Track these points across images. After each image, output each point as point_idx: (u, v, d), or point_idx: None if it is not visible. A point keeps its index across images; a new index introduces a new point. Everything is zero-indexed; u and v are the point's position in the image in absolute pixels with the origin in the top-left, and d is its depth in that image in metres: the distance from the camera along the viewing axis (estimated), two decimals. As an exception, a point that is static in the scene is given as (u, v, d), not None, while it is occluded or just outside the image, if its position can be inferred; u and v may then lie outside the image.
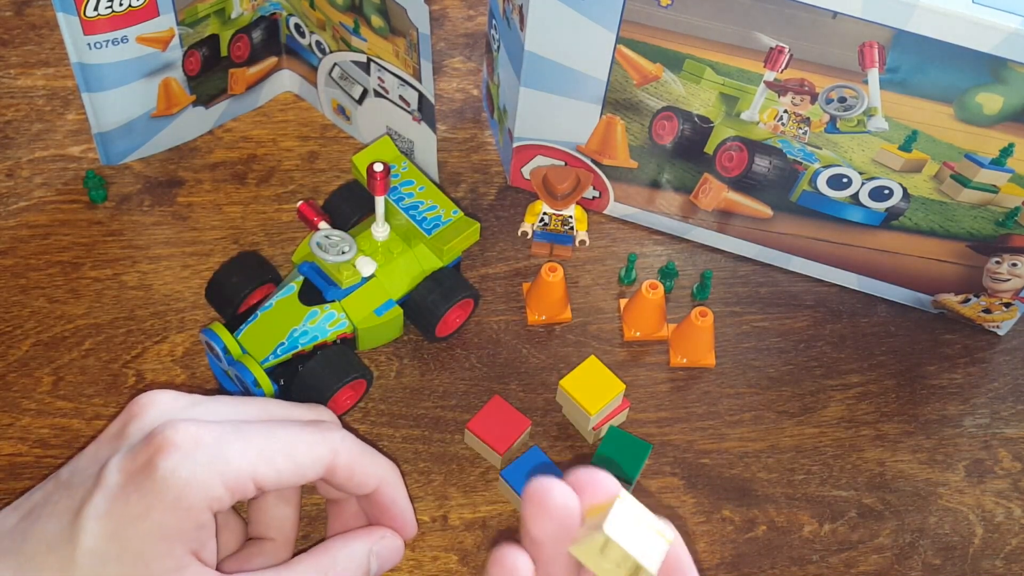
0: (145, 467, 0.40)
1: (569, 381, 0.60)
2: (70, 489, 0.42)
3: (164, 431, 0.41)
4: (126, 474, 0.40)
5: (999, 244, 0.64)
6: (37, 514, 0.41)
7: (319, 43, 0.71)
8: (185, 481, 0.40)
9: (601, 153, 0.69)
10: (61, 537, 0.40)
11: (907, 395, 0.66)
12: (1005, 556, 0.60)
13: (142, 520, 0.40)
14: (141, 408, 0.43)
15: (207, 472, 0.40)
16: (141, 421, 0.43)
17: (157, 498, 0.40)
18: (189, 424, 0.41)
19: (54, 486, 0.43)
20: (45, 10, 0.80)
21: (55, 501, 0.41)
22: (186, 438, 0.41)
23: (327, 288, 0.62)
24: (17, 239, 0.68)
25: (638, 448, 0.60)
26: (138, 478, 0.40)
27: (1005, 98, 0.56)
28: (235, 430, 0.42)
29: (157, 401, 0.43)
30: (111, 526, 0.40)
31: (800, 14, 0.56)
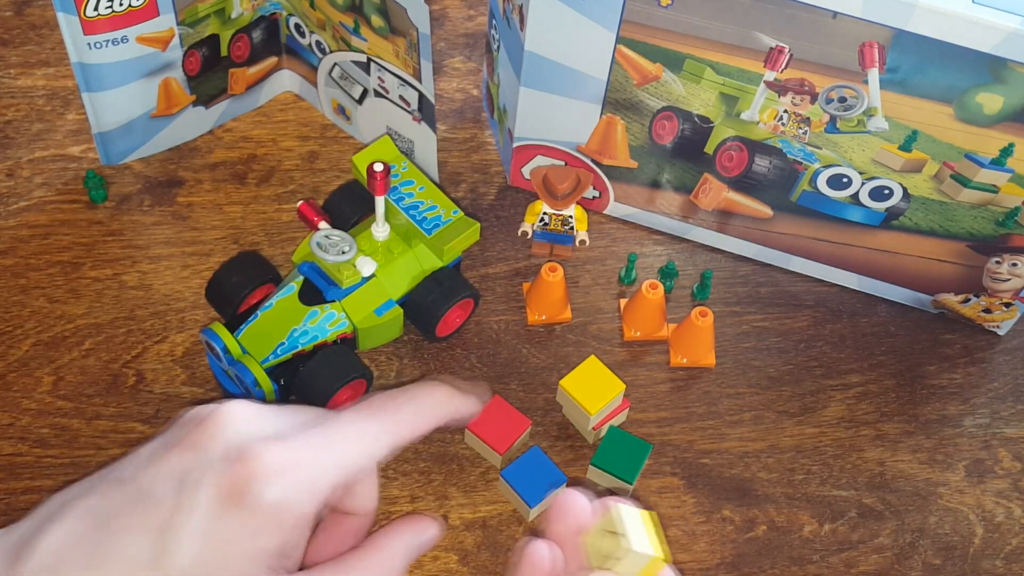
0: (238, 490, 0.40)
1: (569, 381, 0.60)
2: (150, 502, 0.41)
3: (253, 455, 0.41)
4: (218, 495, 0.40)
5: (999, 244, 0.64)
6: (114, 527, 0.41)
7: (319, 43, 0.71)
8: (279, 505, 0.41)
9: (601, 153, 0.69)
10: (149, 556, 0.40)
11: (907, 395, 0.66)
12: (1005, 556, 0.60)
13: (236, 542, 0.40)
14: (220, 421, 0.43)
15: (299, 494, 0.41)
16: (223, 437, 0.42)
17: (252, 521, 0.40)
18: (273, 447, 0.42)
19: (125, 497, 0.42)
20: (45, 10, 0.80)
21: (135, 514, 0.41)
22: (277, 461, 0.41)
23: (327, 288, 0.62)
24: (17, 239, 0.68)
25: (638, 448, 0.60)
26: (231, 501, 0.40)
27: (1005, 98, 0.56)
28: (316, 443, 0.43)
29: (235, 415, 0.43)
30: (205, 547, 0.40)
31: (800, 14, 0.56)
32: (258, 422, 0.43)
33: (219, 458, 0.42)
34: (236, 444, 0.42)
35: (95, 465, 0.59)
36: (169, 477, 0.42)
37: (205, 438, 0.42)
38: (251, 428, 0.43)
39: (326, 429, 0.44)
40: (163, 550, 0.40)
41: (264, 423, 0.44)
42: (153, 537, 0.40)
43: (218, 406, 0.44)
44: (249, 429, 0.43)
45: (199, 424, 0.43)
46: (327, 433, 0.44)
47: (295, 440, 0.43)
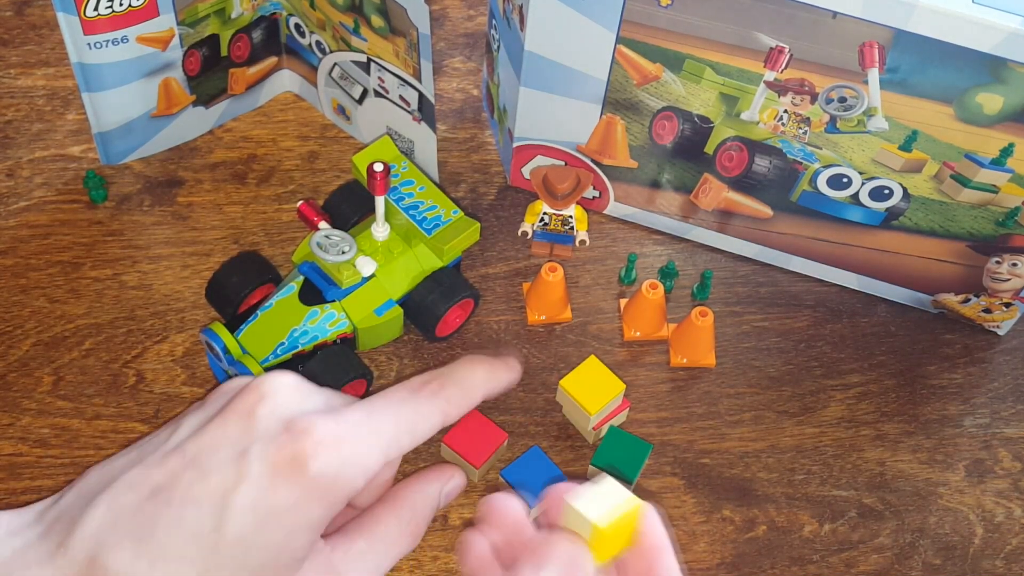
0: (293, 462, 0.41)
1: (569, 381, 0.60)
2: (202, 471, 0.41)
3: (308, 428, 0.41)
4: (272, 466, 0.40)
5: (999, 244, 0.64)
6: (167, 497, 0.40)
7: (319, 43, 0.71)
8: (333, 478, 0.41)
9: (601, 153, 0.69)
10: (204, 525, 0.40)
11: (907, 395, 0.66)
12: (1005, 556, 0.60)
13: (290, 513, 0.41)
14: (268, 391, 0.43)
15: (352, 468, 0.42)
16: (271, 406, 0.42)
17: (306, 494, 0.41)
18: (328, 420, 0.42)
19: (179, 464, 0.41)
20: (45, 10, 0.80)
21: (187, 483, 0.41)
22: (330, 433, 0.41)
23: (327, 288, 0.62)
24: (17, 239, 0.68)
25: (638, 448, 0.60)
26: (286, 472, 0.40)
27: (1005, 98, 0.56)
28: (367, 418, 0.43)
29: (282, 386, 0.43)
30: (259, 517, 0.40)
31: (800, 14, 0.56)
32: (305, 394, 0.44)
33: (271, 428, 0.42)
34: (287, 415, 0.42)
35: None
36: (221, 447, 0.41)
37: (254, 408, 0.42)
38: (299, 400, 0.43)
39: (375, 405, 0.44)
40: (220, 520, 0.40)
41: (311, 395, 0.44)
42: (211, 507, 0.40)
43: (263, 376, 0.43)
44: (297, 400, 0.43)
45: (246, 394, 0.43)
46: (377, 409, 0.44)
47: (346, 413, 0.42)
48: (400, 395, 0.45)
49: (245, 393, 0.43)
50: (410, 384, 0.46)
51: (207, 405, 0.44)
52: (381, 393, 0.45)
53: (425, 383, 0.46)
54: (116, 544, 0.40)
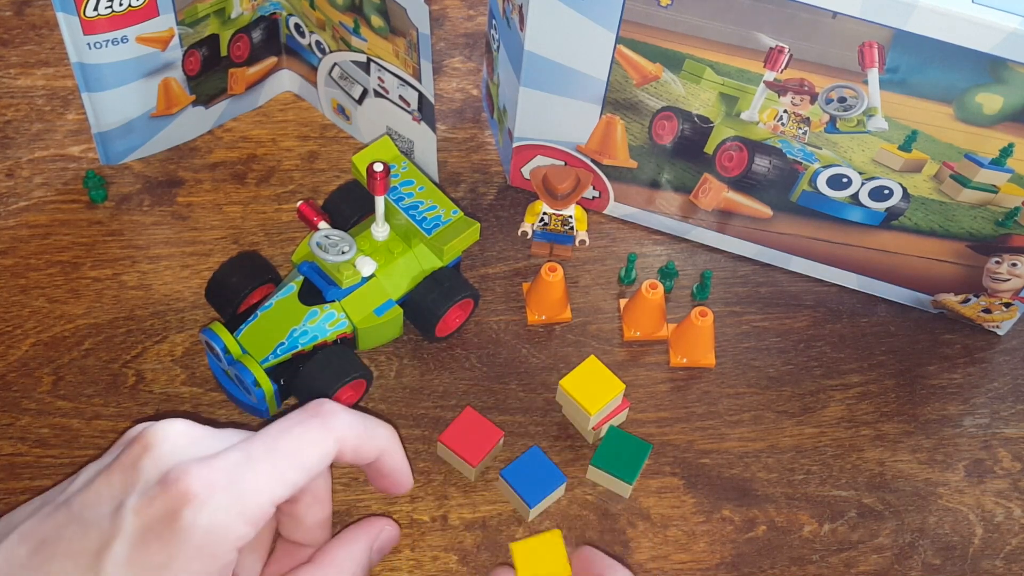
0: (165, 517, 0.39)
1: (569, 381, 0.60)
2: (83, 526, 0.40)
3: (180, 478, 0.40)
4: (145, 521, 0.39)
5: (999, 244, 0.64)
6: (51, 552, 0.40)
7: (319, 43, 0.71)
8: (208, 530, 0.39)
9: (601, 153, 0.69)
10: None
11: (907, 395, 0.66)
12: (1005, 556, 0.60)
13: (165, 569, 0.39)
14: (153, 442, 0.42)
15: (228, 516, 0.40)
16: (154, 457, 0.41)
17: (180, 548, 0.39)
18: (202, 468, 0.40)
19: (65, 518, 0.41)
20: (45, 10, 0.80)
21: (68, 539, 0.40)
22: (203, 485, 0.40)
23: (327, 288, 0.62)
24: (17, 239, 0.68)
25: (638, 448, 0.60)
26: (158, 527, 0.39)
27: (1005, 98, 0.56)
28: (244, 459, 0.41)
29: (169, 435, 0.42)
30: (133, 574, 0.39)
31: (800, 14, 0.56)
32: (192, 442, 0.42)
33: (149, 481, 0.40)
34: (166, 466, 0.41)
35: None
36: (102, 500, 0.41)
37: (136, 459, 0.41)
38: (184, 448, 0.41)
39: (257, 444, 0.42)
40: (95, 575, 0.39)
41: (200, 443, 0.42)
42: (87, 562, 0.39)
43: (151, 425, 0.42)
44: (182, 449, 0.41)
45: (133, 445, 0.42)
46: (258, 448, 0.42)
47: (224, 459, 0.41)
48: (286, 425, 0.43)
49: (133, 444, 0.41)
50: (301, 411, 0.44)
51: (106, 455, 0.43)
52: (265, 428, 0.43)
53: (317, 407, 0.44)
54: None
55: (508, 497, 0.60)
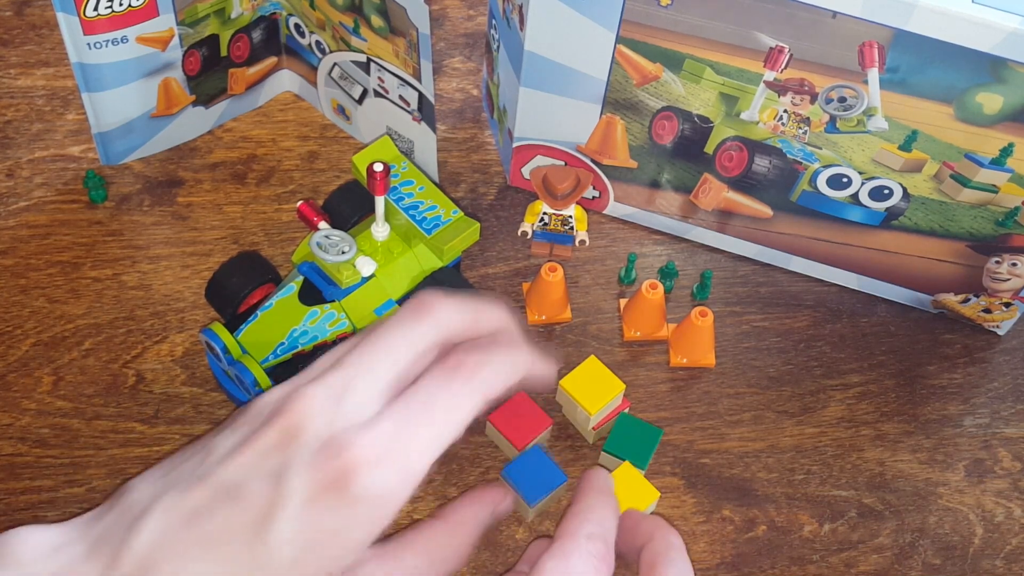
0: (334, 484, 0.39)
1: (569, 381, 0.60)
2: (237, 500, 0.40)
3: (346, 445, 0.40)
4: (313, 490, 0.39)
5: (999, 244, 0.64)
6: (206, 528, 0.40)
7: (319, 43, 0.71)
8: (379, 496, 0.40)
9: (601, 153, 0.69)
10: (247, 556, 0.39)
11: (907, 395, 0.66)
12: (1005, 556, 0.60)
13: (337, 535, 0.40)
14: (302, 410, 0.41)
15: (393, 481, 0.40)
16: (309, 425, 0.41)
17: (351, 515, 0.40)
18: (366, 434, 0.40)
19: (213, 492, 0.40)
20: (45, 10, 0.80)
21: (224, 514, 0.40)
22: (369, 450, 0.40)
23: (327, 288, 0.62)
24: (17, 239, 0.68)
25: (649, 434, 0.60)
26: (327, 495, 0.39)
27: (1005, 98, 0.56)
28: (403, 424, 0.41)
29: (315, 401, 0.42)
30: (302, 546, 0.39)
31: (800, 14, 0.56)
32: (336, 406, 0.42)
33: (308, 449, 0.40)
34: (324, 433, 0.41)
35: (95, 465, 0.59)
36: (254, 472, 0.40)
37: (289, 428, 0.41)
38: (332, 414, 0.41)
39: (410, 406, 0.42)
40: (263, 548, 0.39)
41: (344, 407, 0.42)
42: (250, 535, 0.39)
43: (292, 393, 0.42)
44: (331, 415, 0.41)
45: (279, 414, 0.41)
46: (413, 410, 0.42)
47: (384, 424, 0.41)
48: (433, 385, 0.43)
49: (278, 414, 0.42)
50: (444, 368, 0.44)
51: (240, 425, 0.43)
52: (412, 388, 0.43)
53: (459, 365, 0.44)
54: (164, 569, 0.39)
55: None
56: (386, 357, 0.44)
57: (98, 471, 0.59)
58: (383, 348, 0.44)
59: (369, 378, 0.43)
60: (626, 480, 0.58)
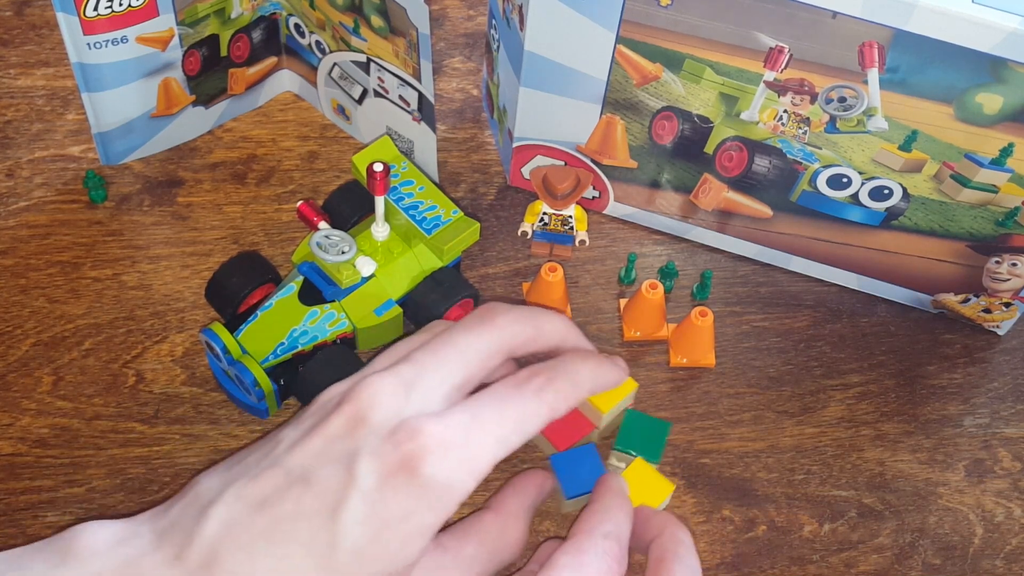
0: (402, 470, 0.40)
1: None
2: (308, 485, 0.40)
3: (415, 432, 0.40)
4: (383, 475, 0.40)
5: (999, 244, 0.64)
6: (277, 512, 0.40)
7: (319, 43, 0.71)
8: (444, 484, 0.40)
9: (601, 153, 0.69)
10: (318, 540, 0.39)
11: (907, 395, 0.66)
12: (1005, 556, 0.60)
13: (404, 522, 0.40)
14: (370, 398, 0.42)
15: (462, 472, 0.41)
16: (379, 413, 0.41)
17: (418, 501, 0.40)
18: (436, 423, 0.41)
19: (283, 478, 0.41)
20: (45, 10, 0.80)
21: (295, 498, 0.40)
22: (438, 439, 0.40)
23: (327, 288, 0.62)
24: (17, 239, 0.68)
25: (658, 428, 0.60)
26: (396, 481, 0.40)
27: (1005, 98, 0.56)
28: (472, 419, 0.42)
29: (383, 390, 0.42)
30: (372, 529, 0.40)
31: (800, 14, 0.56)
32: (405, 397, 0.42)
33: (377, 435, 0.41)
34: (392, 420, 0.41)
35: (95, 465, 0.59)
36: (324, 458, 0.41)
37: (358, 416, 0.41)
38: (400, 403, 0.42)
39: (481, 405, 0.43)
40: (333, 531, 0.39)
41: (411, 398, 0.42)
42: (322, 519, 0.39)
43: (360, 383, 0.42)
44: (399, 404, 0.42)
45: (347, 402, 0.42)
46: (484, 408, 0.43)
47: (454, 417, 0.42)
48: (507, 392, 0.44)
49: (346, 402, 0.42)
50: (515, 380, 0.45)
51: (306, 417, 0.43)
52: (487, 391, 0.44)
53: (530, 378, 0.45)
54: (235, 558, 0.39)
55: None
56: (455, 357, 0.45)
57: (98, 471, 0.59)
58: (451, 348, 0.45)
59: (437, 374, 0.44)
60: (640, 475, 0.58)
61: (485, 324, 0.46)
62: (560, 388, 0.45)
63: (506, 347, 0.46)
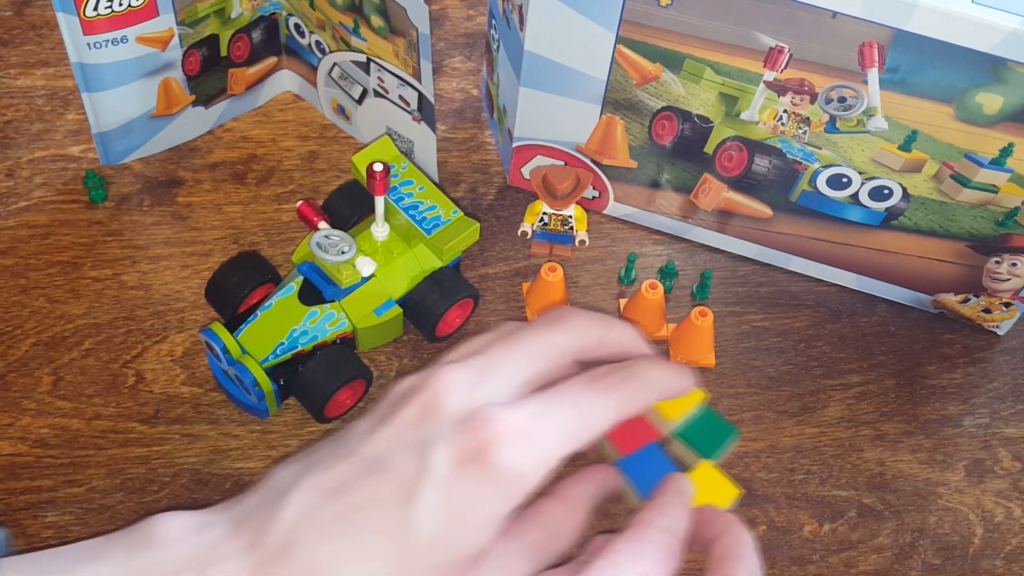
0: (476, 458, 0.40)
1: None
2: (381, 473, 0.41)
3: (488, 421, 0.41)
4: (456, 463, 0.40)
5: (999, 244, 0.64)
6: (350, 500, 0.41)
7: (319, 43, 0.71)
8: (516, 473, 0.41)
9: (601, 153, 0.69)
10: (393, 527, 0.40)
11: (907, 395, 0.66)
12: (1005, 556, 0.60)
13: (475, 510, 0.40)
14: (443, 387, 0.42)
15: (533, 462, 0.41)
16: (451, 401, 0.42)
17: (490, 490, 0.40)
18: (507, 412, 0.41)
19: (356, 467, 0.41)
20: (45, 10, 0.80)
21: (369, 487, 0.41)
22: (510, 428, 0.41)
23: (327, 288, 0.62)
24: (17, 239, 0.68)
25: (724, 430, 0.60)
26: (470, 469, 0.40)
27: (1005, 98, 0.56)
28: (543, 411, 0.43)
29: (457, 379, 0.43)
30: (445, 516, 0.40)
31: (800, 14, 0.56)
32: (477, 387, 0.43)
33: (452, 423, 0.41)
34: (465, 408, 0.42)
35: (95, 465, 0.59)
36: (397, 447, 0.41)
37: (430, 405, 0.42)
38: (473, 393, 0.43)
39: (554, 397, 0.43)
40: (407, 519, 0.40)
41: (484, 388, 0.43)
42: (395, 506, 0.40)
43: (432, 372, 0.43)
44: (472, 393, 0.43)
45: (420, 391, 0.42)
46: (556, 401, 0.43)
47: (527, 407, 0.42)
48: (578, 388, 0.44)
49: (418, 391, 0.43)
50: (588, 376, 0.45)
51: (379, 407, 0.44)
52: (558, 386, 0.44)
53: (604, 376, 0.46)
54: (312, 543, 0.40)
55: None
56: (526, 353, 0.46)
57: (98, 471, 0.59)
58: (524, 344, 0.46)
59: (509, 367, 0.45)
60: (706, 478, 0.58)
61: (559, 324, 0.48)
62: (632, 388, 0.46)
63: (577, 348, 0.47)
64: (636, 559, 0.44)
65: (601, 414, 0.45)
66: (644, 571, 0.44)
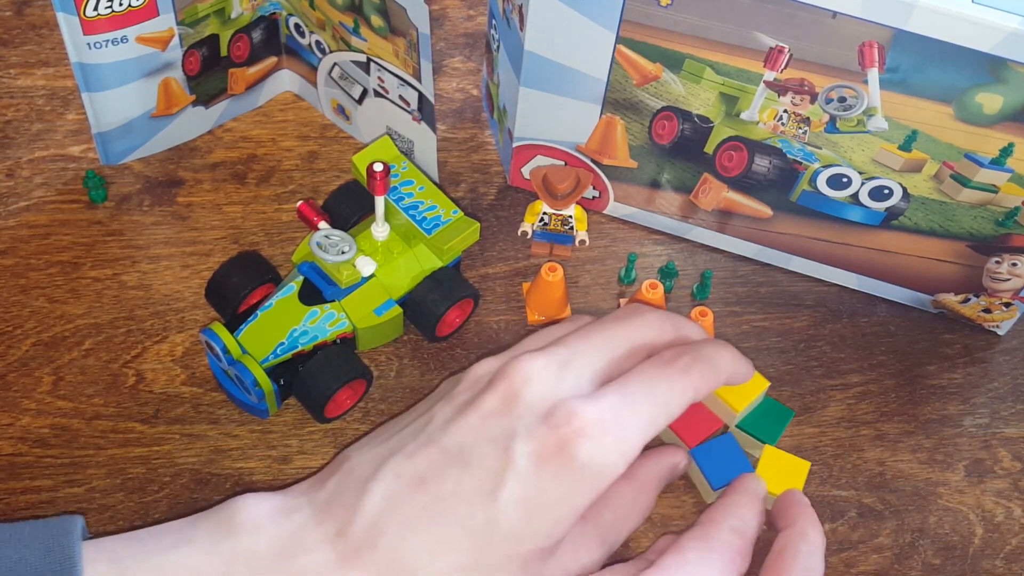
0: (558, 453, 0.41)
1: None
2: (465, 465, 0.41)
3: (571, 415, 0.41)
4: (539, 457, 0.41)
5: (999, 244, 0.64)
6: (436, 492, 0.41)
7: (319, 43, 0.71)
8: (599, 468, 0.41)
9: (601, 153, 0.69)
10: (476, 519, 0.40)
11: (907, 395, 0.66)
12: (1005, 556, 0.60)
13: (558, 504, 0.41)
14: (523, 379, 0.43)
15: (615, 456, 0.42)
16: (527, 393, 0.42)
17: (573, 484, 0.41)
18: (590, 406, 0.42)
19: (439, 457, 0.42)
20: (45, 10, 0.80)
21: (454, 478, 0.41)
22: (592, 422, 0.41)
23: (327, 288, 0.62)
24: (17, 239, 0.68)
25: (782, 414, 0.61)
26: (552, 464, 0.41)
27: (1005, 98, 0.56)
28: (623, 401, 0.43)
29: (537, 370, 0.43)
30: (528, 510, 0.40)
31: (800, 14, 0.56)
32: (558, 377, 0.43)
33: (532, 417, 0.41)
34: (546, 402, 0.42)
35: (95, 465, 0.59)
36: (479, 438, 0.42)
37: (511, 397, 0.42)
38: (553, 384, 0.43)
39: (630, 386, 0.44)
40: (491, 511, 0.40)
41: (564, 378, 0.43)
42: (480, 501, 0.40)
43: (510, 362, 0.43)
44: (552, 385, 0.43)
45: (499, 382, 0.43)
46: (633, 389, 0.43)
47: (607, 399, 0.42)
48: (652, 373, 0.45)
49: (498, 381, 0.43)
50: (660, 360, 0.46)
51: (458, 392, 0.44)
52: (632, 373, 0.44)
53: (675, 358, 0.46)
54: (396, 535, 0.40)
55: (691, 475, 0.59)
56: (604, 343, 0.46)
57: (98, 471, 0.59)
58: (601, 335, 0.46)
59: (587, 358, 0.45)
60: (776, 462, 0.59)
61: (633, 317, 0.48)
62: (703, 370, 0.47)
63: (649, 342, 0.48)
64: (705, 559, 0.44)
65: (678, 398, 0.45)
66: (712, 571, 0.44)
